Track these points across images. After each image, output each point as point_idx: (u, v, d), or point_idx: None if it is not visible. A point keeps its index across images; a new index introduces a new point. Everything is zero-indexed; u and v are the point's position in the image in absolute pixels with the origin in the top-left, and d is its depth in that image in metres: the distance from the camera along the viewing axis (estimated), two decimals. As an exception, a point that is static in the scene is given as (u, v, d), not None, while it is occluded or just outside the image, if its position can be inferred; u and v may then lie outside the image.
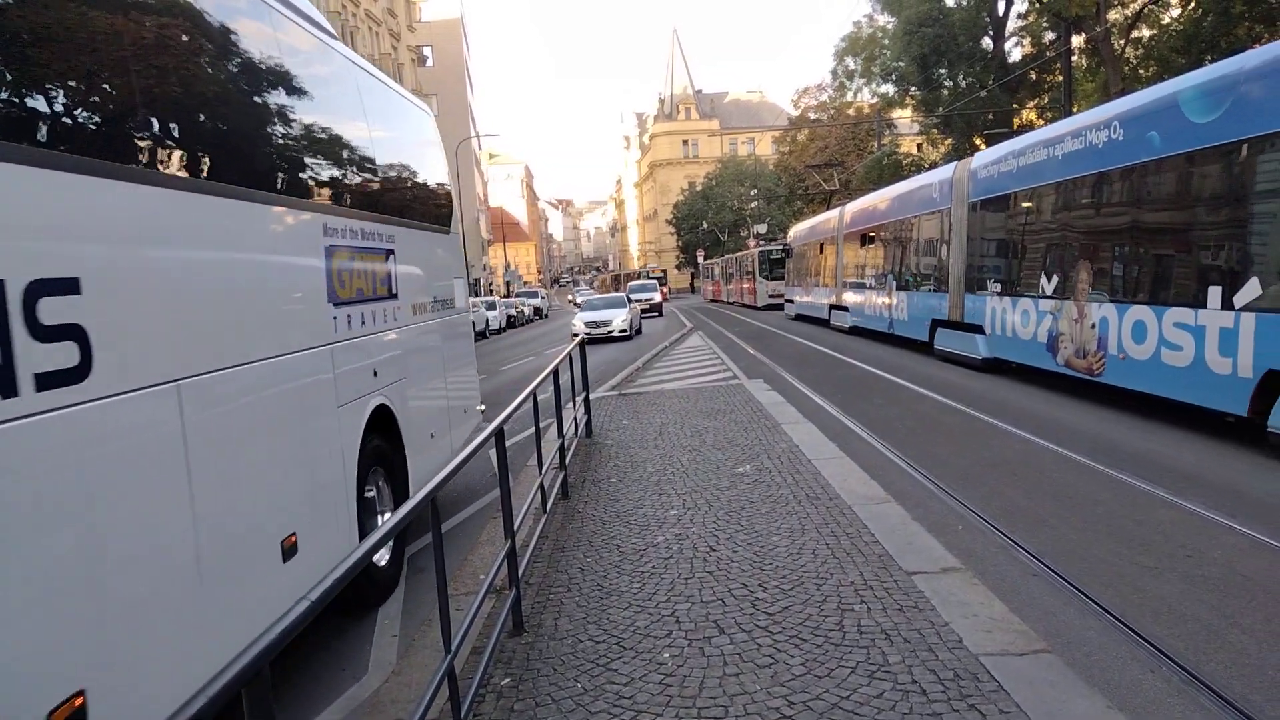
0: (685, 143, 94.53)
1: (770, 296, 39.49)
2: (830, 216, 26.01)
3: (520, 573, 4.53)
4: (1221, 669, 3.80)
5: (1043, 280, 11.62)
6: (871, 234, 20.36)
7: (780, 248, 37.51)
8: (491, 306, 39.24)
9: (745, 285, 45.26)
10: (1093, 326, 10.16)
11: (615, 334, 26.01)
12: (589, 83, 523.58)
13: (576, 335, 15.35)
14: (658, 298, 42.17)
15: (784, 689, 3.58)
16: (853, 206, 23.40)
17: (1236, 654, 3.94)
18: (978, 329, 13.82)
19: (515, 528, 4.45)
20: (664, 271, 74.47)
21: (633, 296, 36.72)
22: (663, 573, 5.04)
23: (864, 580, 4.69)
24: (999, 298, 13.06)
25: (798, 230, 32.26)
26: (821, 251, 25.90)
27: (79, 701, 2.57)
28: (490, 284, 74.33)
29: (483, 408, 8.89)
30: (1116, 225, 9.95)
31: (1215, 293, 7.99)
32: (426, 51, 62.84)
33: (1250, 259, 7.68)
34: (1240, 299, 7.66)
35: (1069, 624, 4.37)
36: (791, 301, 31.92)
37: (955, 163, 15.89)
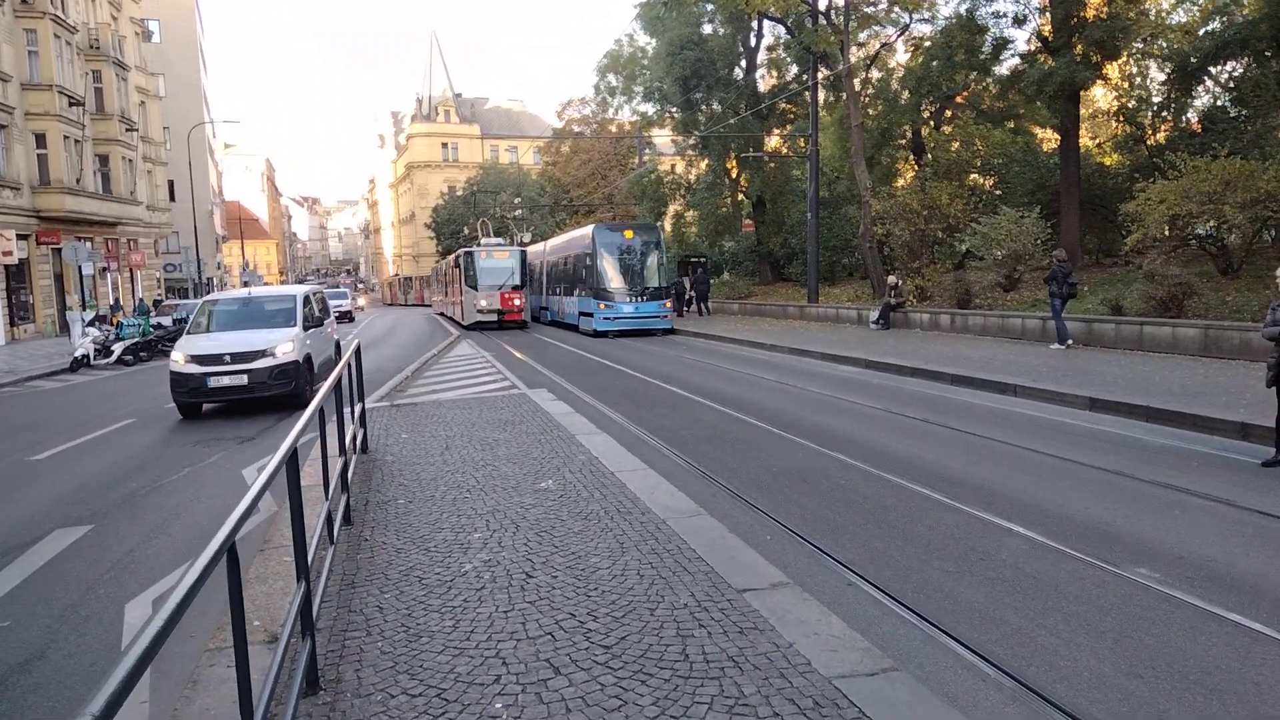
0: (445, 145, 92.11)
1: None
2: (538, 248, 39.65)
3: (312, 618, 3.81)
4: (1042, 673, 3.94)
5: (573, 289, 30.03)
6: (556, 261, 35.16)
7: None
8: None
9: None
10: (568, 305, 30.51)
11: None
12: (338, 75, 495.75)
13: None
14: (287, 346, 12.82)
15: (640, 735, 3.23)
16: (553, 241, 38.34)
17: (1051, 656, 4.12)
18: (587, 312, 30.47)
19: (310, 564, 3.74)
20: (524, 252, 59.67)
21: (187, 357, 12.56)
22: (477, 606, 4.51)
23: (697, 601, 4.45)
24: (560, 297, 32.36)
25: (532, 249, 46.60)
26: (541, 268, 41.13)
27: None
28: (224, 283, 67.94)
29: None
30: (567, 269, 31.25)
31: (580, 291, 28.75)
32: (153, 26, 56.44)
33: (578, 281, 29.05)
34: (582, 292, 28.40)
35: (894, 634, 4.39)
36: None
37: (592, 225, 31.02)
